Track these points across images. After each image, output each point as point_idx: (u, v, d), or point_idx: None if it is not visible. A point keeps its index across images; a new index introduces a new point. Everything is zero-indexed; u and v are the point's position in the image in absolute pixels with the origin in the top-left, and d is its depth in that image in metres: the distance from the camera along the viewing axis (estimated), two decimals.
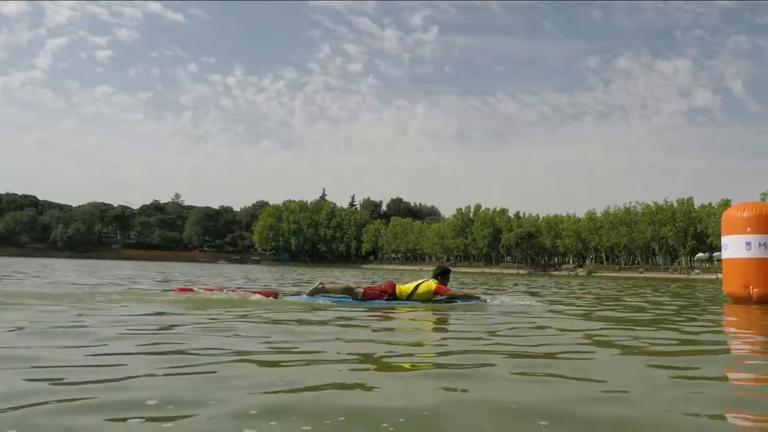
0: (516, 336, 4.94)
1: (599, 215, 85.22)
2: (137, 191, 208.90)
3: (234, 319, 5.69)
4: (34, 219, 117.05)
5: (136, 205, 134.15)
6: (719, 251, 15.46)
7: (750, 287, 10.34)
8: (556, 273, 77.70)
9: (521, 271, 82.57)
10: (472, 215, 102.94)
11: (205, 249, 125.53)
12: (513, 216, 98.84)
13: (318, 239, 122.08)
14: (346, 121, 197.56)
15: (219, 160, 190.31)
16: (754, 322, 7.36)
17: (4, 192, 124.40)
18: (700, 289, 19.38)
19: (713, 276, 52.28)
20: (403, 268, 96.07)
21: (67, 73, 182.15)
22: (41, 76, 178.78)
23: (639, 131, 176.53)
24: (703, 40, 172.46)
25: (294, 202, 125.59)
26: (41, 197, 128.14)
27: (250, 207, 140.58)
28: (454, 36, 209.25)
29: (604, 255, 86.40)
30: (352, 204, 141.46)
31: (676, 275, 66.04)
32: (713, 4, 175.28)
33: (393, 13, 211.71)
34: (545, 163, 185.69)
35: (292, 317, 5.97)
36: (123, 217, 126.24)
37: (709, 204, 74.32)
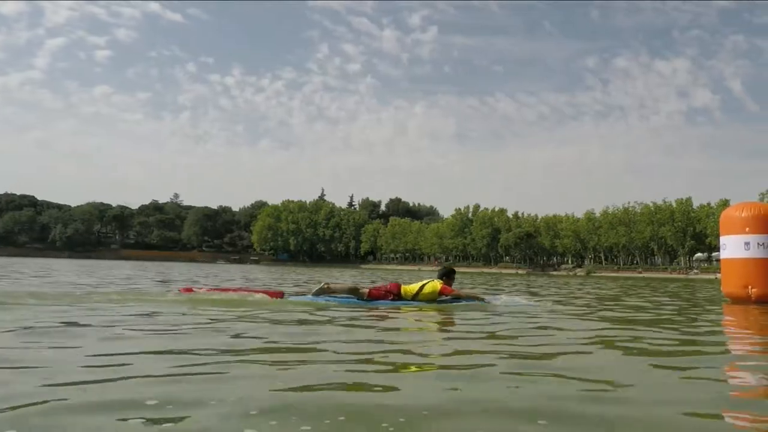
0: (517, 336, 4.94)
1: (598, 215, 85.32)
2: (136, 191, 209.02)
3: (238, 319, 5.70)
4: (32, 219, 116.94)
5: (134, 205, 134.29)
6: (718, 251, 15.48)
7: (749, 287, 10.36)
8: (554, 273, 77.74)
9: (520, 271, 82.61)
10: (470, 215, 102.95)
11: (204, 249, 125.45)
12: (512, 216, 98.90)
13: (317, 239, 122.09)
14: (344, 121, 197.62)
15: (217, 160, 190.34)
16: (753, 322, 7.37)
17: (2, 192, 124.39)
18: (698, 289, 19.40)
19: (712, 276, 52.30)
20: (402, 268, 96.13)
21: (66, 73, 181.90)
22: (40, 76, 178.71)
23: (638, 131, 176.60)
24: (702, 40, 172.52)
25: (293, 202, 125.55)
26: (40, 197, 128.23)
27: (248, 207, 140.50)
28: (452, 36, 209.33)
29: (602, 255, 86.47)
30: (350, 204, 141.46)
31: (674, 275, 66.10)
32: (711, 4, 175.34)
33: (391, 13, 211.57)
34: (544, 163, 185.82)
35: (295, 317, 5.98)
36: (122, 217, 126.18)
37: (708, 204, 74.44)
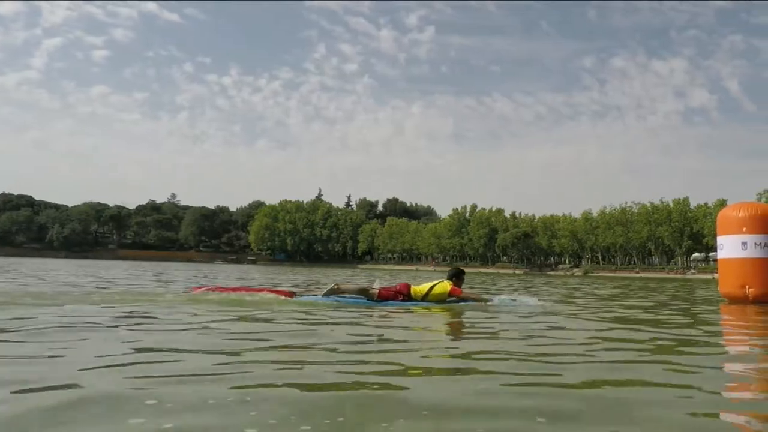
0: (521, 336, 4.97)
1: (595, 215, 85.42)
2: (133, 191, 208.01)
3: (245, 319, 5.72)
4: (30, 219, 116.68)
5: (132, 205, 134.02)
6: (715, 251, 15.51)
7: (746, 287, 10.38)
8: (552, 273, 77.82)
9: (517, 271, 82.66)
10: (468, 215, 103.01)
11: (201, 249, 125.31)
12: (509, 216, 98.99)
13: (314, 239, 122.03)
14: (341, 121, 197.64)
15: (215, 160, 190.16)
16: (750, 322, 7.39)
17: (0, 192, 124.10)
18: (696, 289, 19.44)
19: (709, 276, 52.39)
20: (399, 268, 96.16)
21: (63, 73, 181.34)
22: (37, 76, 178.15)
23: (635, 131, 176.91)
24: (699, 40, 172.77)
25: (290, 202, 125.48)
26: (37, 197, 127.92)
27: (246, 207, 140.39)
28: (449, 36, 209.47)
29: (600, 255, 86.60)
30: (348, 204, 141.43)
31: (672, 275, 66.20)
32: (709, 4, 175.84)
33: (389, 13, 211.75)
34: (541, 163, 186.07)
35: (303, 317, 5.99)
36: (119, 217, 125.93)
37: (705, 204, 74.57)
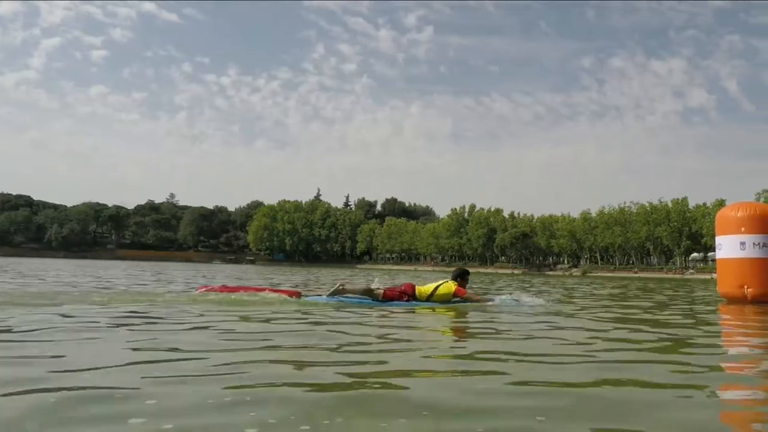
0: (524, 336, 5.00)
1: (594, 215, 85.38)
2: (132, 191, 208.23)
3: (246, 319, 5.72)
4: (28, 219, 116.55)
5: (130, 205, 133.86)
6: (714, 251, 15.53)
7: (744, 287, 10.39)
8: (550, 273, 77.84)
9: (516, 271, 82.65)
10: (466, 215, 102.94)
11: (200, 249, 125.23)
12: (507, 216, 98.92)
13: (313, 239, 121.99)
14: (340, 121, 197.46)
15: (213, 160, 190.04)
16: (748, 322, 7.40)
17: None
18: (694, 289, 19.45)
19: (708, 276, 52.42)
20: (398, 268, 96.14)
21: (62, 73, 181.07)
22: (35, 76, 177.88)
23: (633, 131, 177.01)
24: (698, 40, 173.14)
25: (288, 202, 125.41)
26: (36, 197, 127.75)
27: (244, 207, 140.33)
28: (448, 36, 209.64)
29: (598, 255, 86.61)
30: (346, 204, 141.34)
31: (670, 275, 66.23)
32: (707, 4, 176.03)
33: (387, 13, 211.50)
34: (540, 163, 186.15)
35: (307, 317, 6.00)
36: (118, 217, 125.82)
37: (704, 204, 74.56)
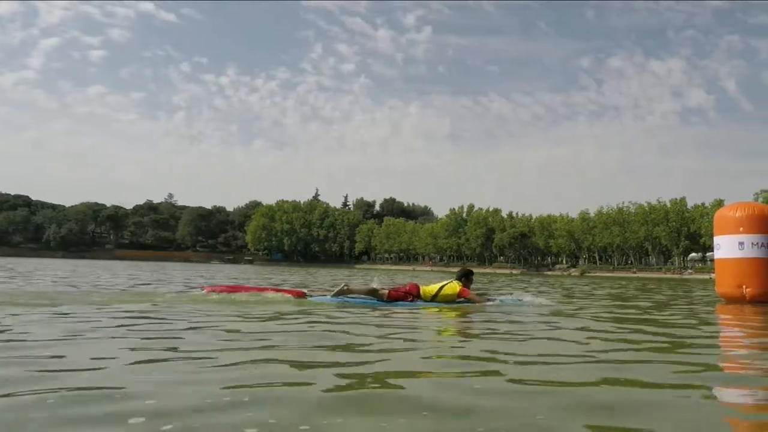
0: (518, 336, 5.00)
1: (592, 215, 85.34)
2: (130, 191, 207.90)
3: (247, 319, 5.73)
4: (27, 219, 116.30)
5: (129, 205, 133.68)
6: (712, 251, 15.55)
7: (743, 287, 10.41)
8: (549, 273, 77.85)
9: (514, 271, 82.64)
10: (465, 215, 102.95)
11: (198, 249, 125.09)
12: (506, 216, 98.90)
13: (311, 239, 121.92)
14: (338, 121, 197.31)
15: (212, 160, 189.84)
16: (747, 321, 7.42)
17: None
18: (693, 289, 19.48)
19: (706, 276, 52.47)
20: (397, 268, 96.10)
21: (60, 73, 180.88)
22: (34, 76, 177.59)
23: (632, 131, 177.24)
24: (696, 40, 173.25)
25: (287, 202, 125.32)
26: (34, 197, 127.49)
27: (243, 207, 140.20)
28: (447, 36, 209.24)
29: (597, 255, 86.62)
30: (345, 204, 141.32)
31: (669, 275, 66.24)
32: (706, 4, 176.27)
33: (386, 13, 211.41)
34: (538, 163, 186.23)
35: (310, 318, 6.00)
36: (116, 217, 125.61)
37: (702, 204, 74.57)
